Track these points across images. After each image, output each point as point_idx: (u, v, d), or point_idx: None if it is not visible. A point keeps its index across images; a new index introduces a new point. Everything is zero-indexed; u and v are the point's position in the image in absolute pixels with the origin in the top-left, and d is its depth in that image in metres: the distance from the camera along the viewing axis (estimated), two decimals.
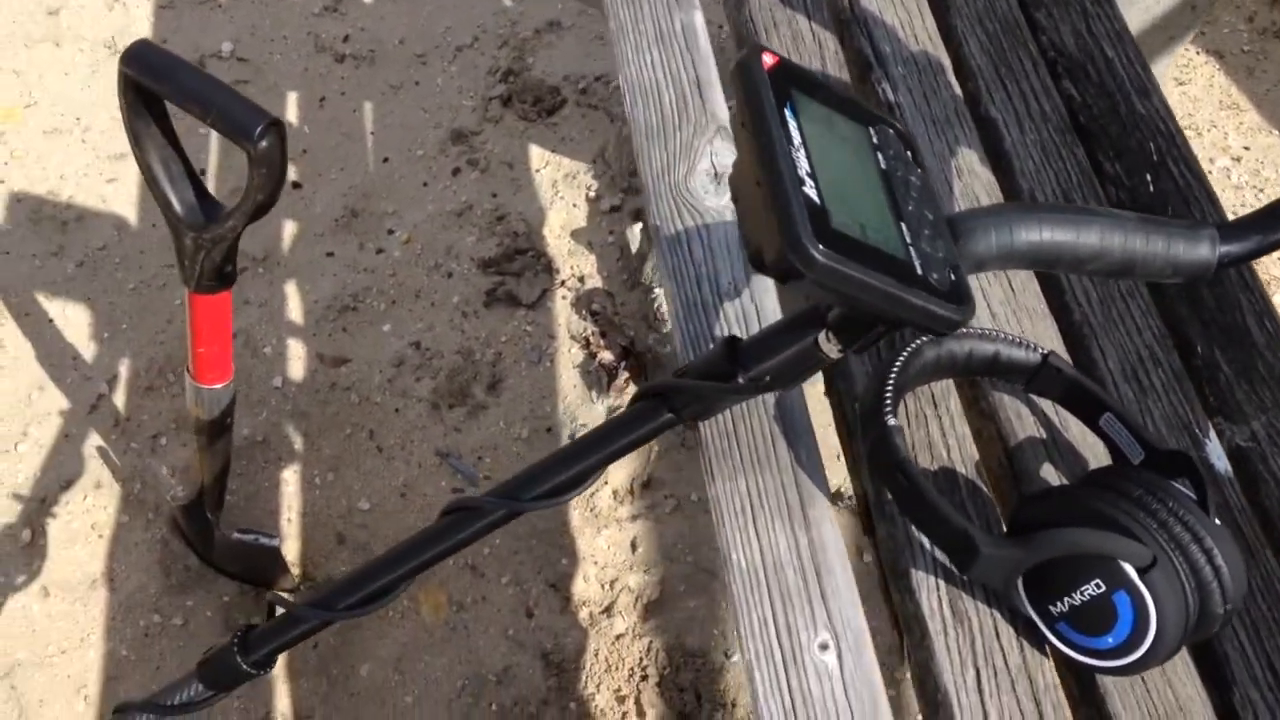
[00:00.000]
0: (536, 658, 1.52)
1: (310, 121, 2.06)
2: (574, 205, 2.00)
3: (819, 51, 1.03)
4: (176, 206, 1.06)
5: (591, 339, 1.84)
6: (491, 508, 0.86)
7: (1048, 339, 0.90)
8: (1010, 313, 0.90)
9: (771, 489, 0.78)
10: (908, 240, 0.64)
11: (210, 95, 0.99)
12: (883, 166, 0.67)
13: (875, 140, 0.68)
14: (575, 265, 1.92)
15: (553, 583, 1.58)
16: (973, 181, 0.99)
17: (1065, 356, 0.89)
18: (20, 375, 1.71)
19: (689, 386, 0.77)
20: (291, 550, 1.58)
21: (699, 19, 1.01)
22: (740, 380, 0.75)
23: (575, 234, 1.97)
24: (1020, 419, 0.84)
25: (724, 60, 1.01)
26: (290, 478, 1.65)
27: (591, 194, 2.02)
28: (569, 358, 1.82)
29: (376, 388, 1.75)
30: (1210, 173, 2.13)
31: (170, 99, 1.00)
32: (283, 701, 1.47)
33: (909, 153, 0.70)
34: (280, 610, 0.96)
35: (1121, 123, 1.06)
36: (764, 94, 0.64)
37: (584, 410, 1.76)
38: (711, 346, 0.85)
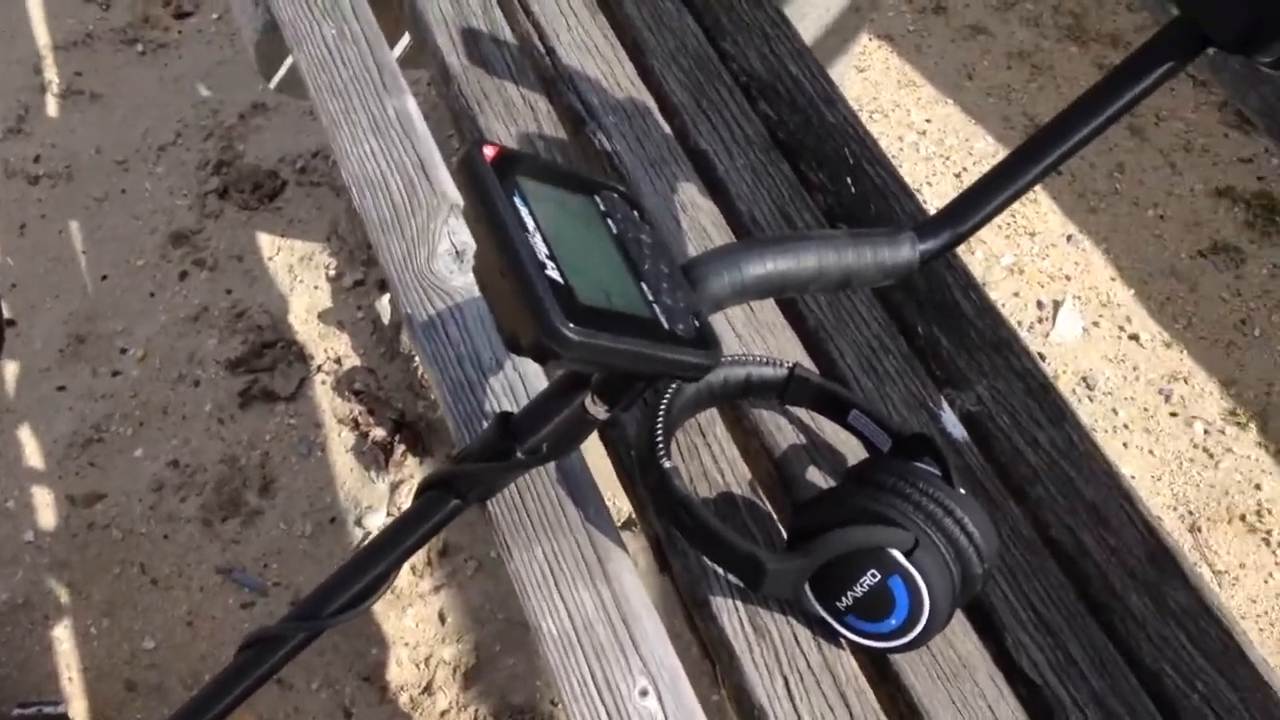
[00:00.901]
0: None
1: (13, 252, 1.94)
2: (316, 287, 1.97)
3: (531, 114, 1.06)
4: None
5: (360, 419, 1.82)
6: (291, 633, 0.84)
7: (790, 349, 0.97)
8: (753, 332, 0.96)
9: (568, 550, 0.80)
10: (650, 298, 0.68)
11: None
12: (614, 231, 0.71)
13: (603, 208, 0.72)
14: (329, 348, 1.89)
15: (366, 675, 1.55)
16: (697, 214, 1.04)
17: (809, 362, 0.96)
18: None
19: (470, 471, 0.79)
20: (80, 710, 1.49)
21: (411, 103, 1.02)
22: (519, 455, 0.77)
23: (323, 316, 1.93)
24: (780, 430, 0.90)
25: (443, 139, 1.03)
26: (63, 634, 1.55)
27: (332, 272, 1.99)
28: (340, 442, 1.78)
29: (139, 518, 1.66)
30: (901, 149, 2.31)
31: None
32: None
33: (635, 212, 0.74)
34: None
35: (816, 134, 1.14)
36: (491, 186, 0.66)
37: (366, 492, 1.74)
38: (485, 425, 0.86)
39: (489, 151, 0.68)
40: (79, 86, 2.22)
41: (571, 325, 0.61)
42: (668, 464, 0.77)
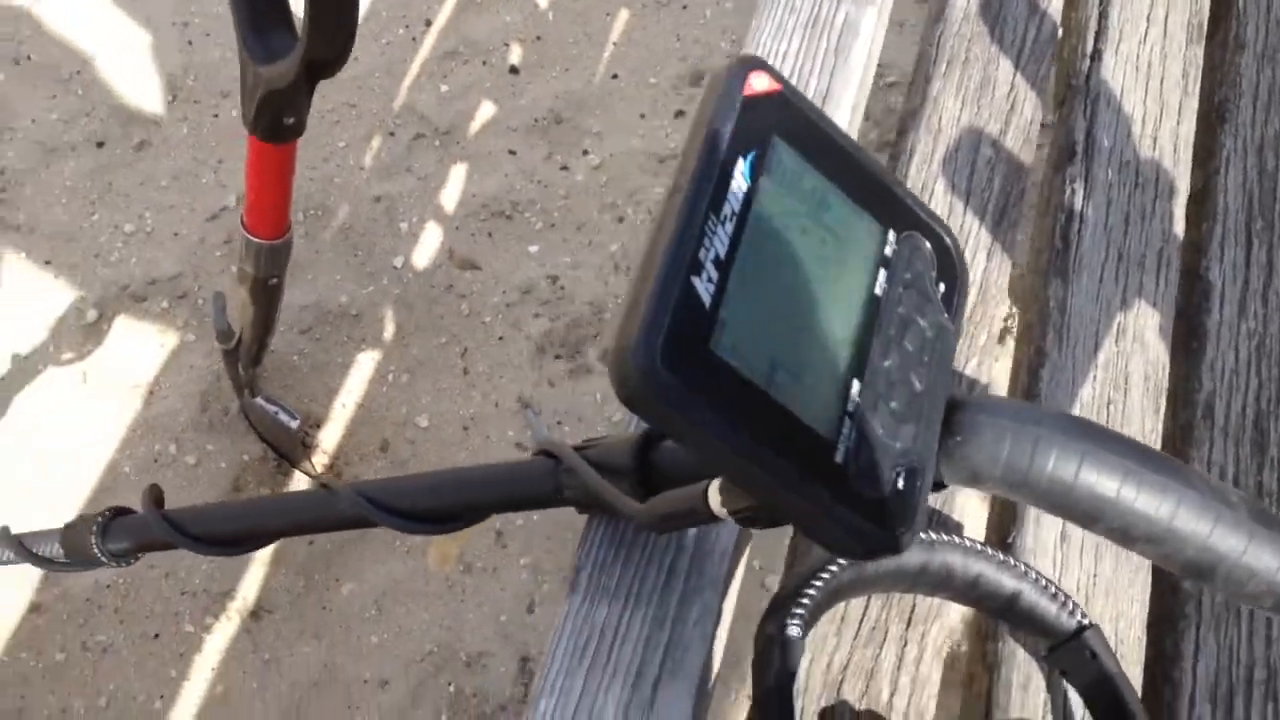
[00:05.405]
0: (515, 658, 1.37)
1: (558, 7, 1.92)
2: None
3: (1004, 113, 0.78)
4: (245, 30, 0.94)
5: None
6: (353, 508, 0.69)
7: (1128, 590, 0.64)
8: (1087, 535, 0.65)
9: (632, 638, 0.58)
10: (849, 406, 0.42)
11: None
12: (877, 291, 0.45)
13: (891, 252, 0.46)
14: None
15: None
16: (1132, 351, 0.72)
17: (1134, 629, 0.63)
18: (165, 160, 1.68)
19: (577, 467, 0.58)
20: (332, 437, 1.49)
21: (869, 19, 0.77)
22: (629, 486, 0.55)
23: None
24: (1025, 690, 0.59)
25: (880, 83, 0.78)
26: (364, 364, 1.55)
27: None
28: None
29: (491, 307, 1.61)
30: None
31: None
32: (251, 585, 1.38)
33: (940, 285, 0.47)
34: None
35: None
36: (722, 126, 0.43)
37: None
38: (634, 426, 0.65)
39: (758, 82, 0.44)
40: None
41: (662, 369, 0.37)
42: (794, 631, 0.51)
